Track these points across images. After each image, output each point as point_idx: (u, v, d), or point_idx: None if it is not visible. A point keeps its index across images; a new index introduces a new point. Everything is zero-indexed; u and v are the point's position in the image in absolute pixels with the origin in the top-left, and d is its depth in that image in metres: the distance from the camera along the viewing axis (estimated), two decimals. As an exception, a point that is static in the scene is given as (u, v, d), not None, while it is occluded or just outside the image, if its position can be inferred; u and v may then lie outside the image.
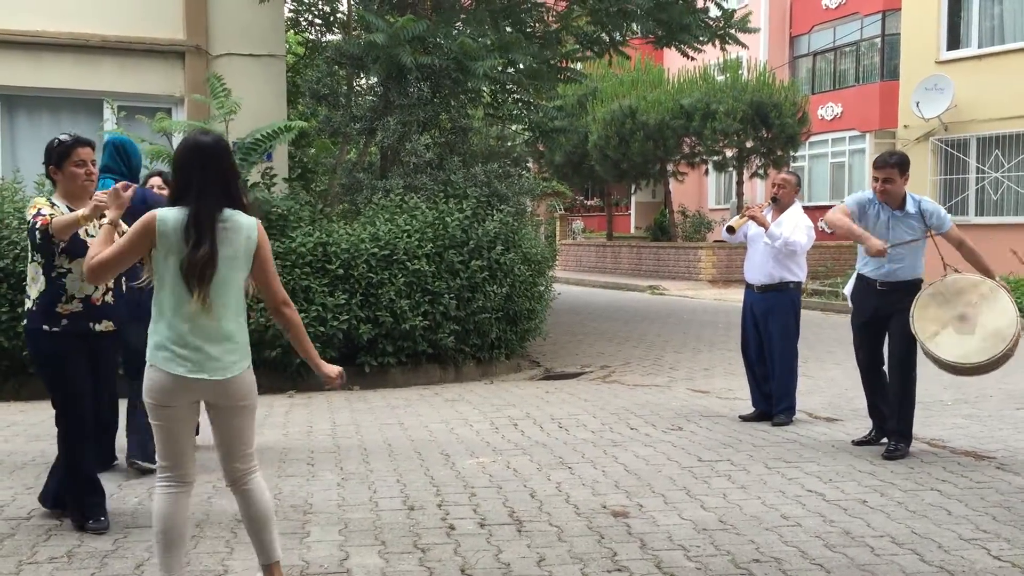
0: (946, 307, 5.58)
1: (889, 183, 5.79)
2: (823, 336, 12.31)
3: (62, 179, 4.33)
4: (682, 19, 11.60)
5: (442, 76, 10.33)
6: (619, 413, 7.31)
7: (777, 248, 6.70)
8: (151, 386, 3.26)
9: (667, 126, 22.15)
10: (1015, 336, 5.35)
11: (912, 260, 5.86)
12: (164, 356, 3.24)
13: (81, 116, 10.08)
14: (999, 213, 17.15)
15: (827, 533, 4.32)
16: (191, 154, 3.32)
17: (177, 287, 3.24)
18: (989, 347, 5.41)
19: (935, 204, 5.93)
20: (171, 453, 3.31)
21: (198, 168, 3.29)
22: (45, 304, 4.25)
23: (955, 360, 5.52)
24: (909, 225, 5.82)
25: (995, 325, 5.41)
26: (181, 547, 3.34)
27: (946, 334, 5.54)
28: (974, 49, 17.41)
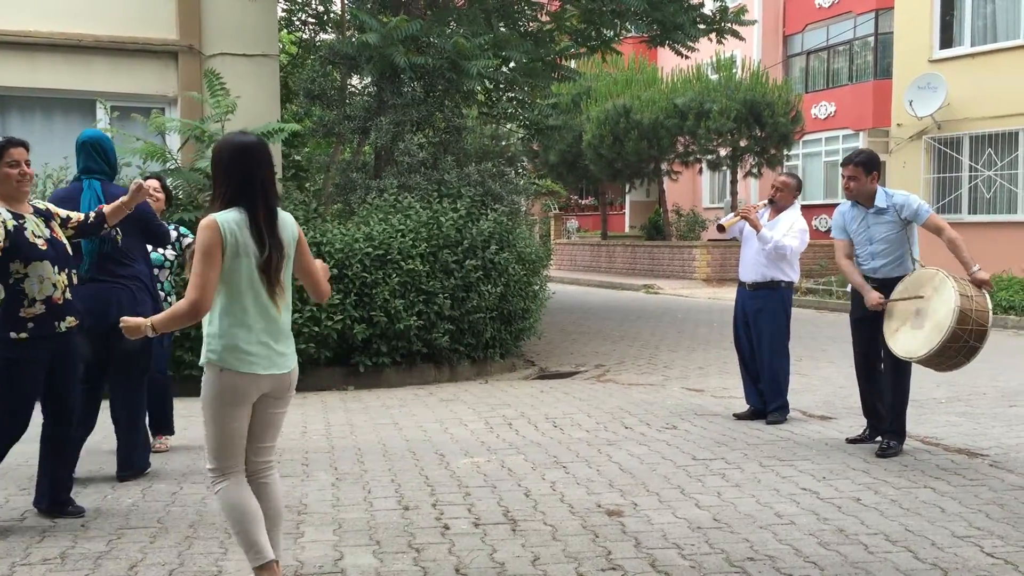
0: (909, 302, 5.62)
1: (854, 181, 5.88)
2: (817, 335, 12.33)
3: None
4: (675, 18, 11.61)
5: (436, 76, 10.33)
6: (614, 412, 7.31)
7: (768, 251, 6.72)
8: (221, 389, 3.29)
9: (661, 125, 22.17)
10: (951, 326, 5.23)
11: (900, 256, 5.88)
12: (239, 358, 3.28)
13: (74, 116, 10.05)
14: (992, 211, 17.19)
15: (821, 531, 4.33)
16: (243, 155, 3.34)
17: (249, 288, 3.30)
18: (930, 339, 5.37)
19: (907, 196, 5.87)
20: (231, 451, 3.36)
21: (254, 168, 3.34)
22: (7, 311, 4.26)
23: (903, 354, 5.56)
24: (884, 221, 5.86)
25: (938, 316, 5.37)
26: (262, 524, 3.37)
27: (904, 329, 5.58)
28: (967, 48, 17.44)
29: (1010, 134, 16.82)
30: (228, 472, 3.37)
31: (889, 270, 5.88)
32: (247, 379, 3.30)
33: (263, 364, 3.32)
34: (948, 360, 5.47)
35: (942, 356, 5.41)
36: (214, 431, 3.33)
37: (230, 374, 3.28)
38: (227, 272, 3.27)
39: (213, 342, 3.29)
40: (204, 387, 3.32)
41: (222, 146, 3.40)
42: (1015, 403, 7.67)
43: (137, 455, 5.30)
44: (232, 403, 3.31)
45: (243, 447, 3.41)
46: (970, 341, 5.34)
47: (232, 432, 3.34)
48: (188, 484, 5.17)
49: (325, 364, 8.55)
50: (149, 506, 4.74)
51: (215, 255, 3.23)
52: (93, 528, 4.37)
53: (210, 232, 3.23)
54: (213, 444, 3.35)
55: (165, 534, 4.29)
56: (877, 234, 5.89)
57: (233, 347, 3.28)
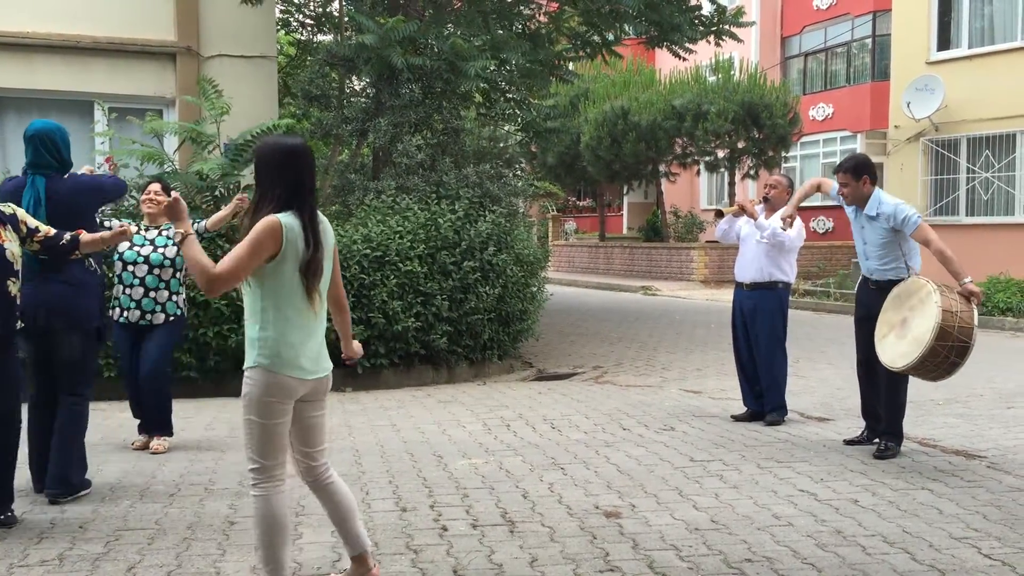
0: (898, 310, 5.61)
1: (846, 187, 5.94)
2: (815, 336, 12.34)
3: None
4: (673, 19, 11.62)
5: (434, 77, 10.33)
6: (611, 413, 7.32)
7: (766, 240, 6.72)
8: (267, 391, 3.28)
9: (659, 127, 22.18)
10: (929, 343, 5.19)
11: (894, 260, 5.89)
12: (288, 361, 3.29)
13: (72, 117, 10.03)
14: (989, 213, 17.21)
15: (819, 532, 4.34)
16: (295, 158, 3.35)
17: (297, 290, 3.31)
18: (909, 352, 5.35)
19: (896, 206, 5.81)
20: (274, 453, 3.34)
21: (304, 171, 3.36)
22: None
23: (886, 363, 5.56)
24: (875, 227, 5.89)
25: (919, 330, 5.34)
26: (289, 543, 3.41)
27: (890, 337, 5.59)
28: (964, 50, 17.47)
29: (1008, 136, 16.84)
30: (270, 475, 3.34)
31: (883, 272, 5.92)
32: (295, 381, 3.32)
33: (309, 368, 3.35)
34: (928, 372, 5.47)
35: (921, 369, 5.41)
36: (259, 431, 3.31)
37: (276, 375, 3.28)
38: (279, 275, 3.28)
39: (262, 346, 3.28)
40: (250, 388, 3.30)
41: (272, 148, 3.37)
42: (1013, 405, 7.68)
43: (73, 473, 4.89)
44: (278, 403, 3.31)
45: (286, 449, 3.40)
46: (951, 357, 5.28)
47: (277, 432, 3.33)
48: (185, 486, 5.17)
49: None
50: (147, 508, 4.73)
51: (264, 254, 3.22)
52: (91, 530, 4.37)
53: (271, 232, 3.22)
54: (257, 444, 3.32)
55: (163, 536, 4.29)
56: (870, 238, 5.95)
57: (283, 350, 3.29)
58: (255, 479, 3.34)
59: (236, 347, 8.09)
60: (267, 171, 3.34)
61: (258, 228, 3.22)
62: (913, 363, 5.32)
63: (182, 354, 7.99)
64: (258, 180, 3.37)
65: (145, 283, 6.00)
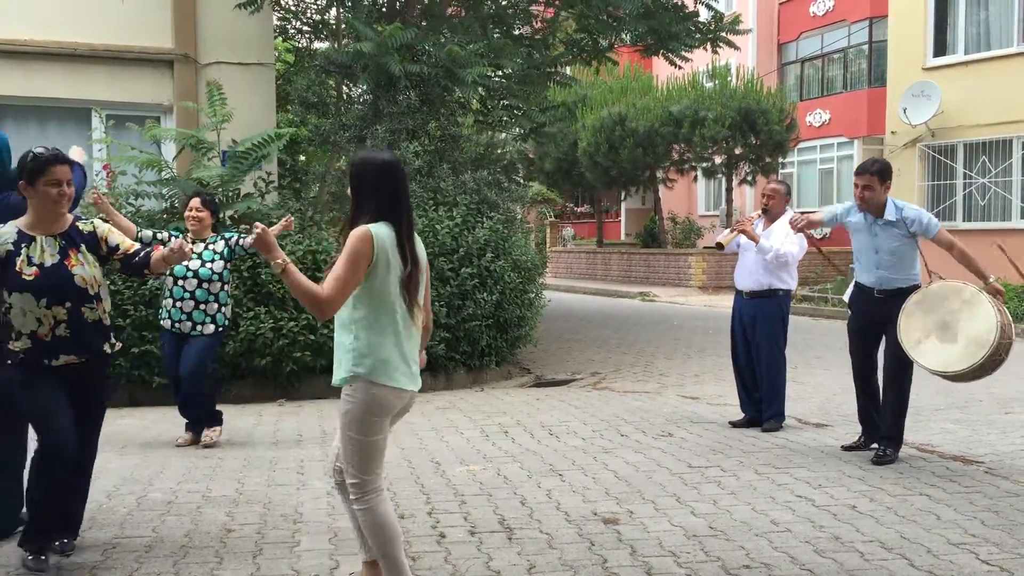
0: (930, 314, 5.58)
1: (868, 190, 5.82)
2: (812, 342, 12.35)
3: (34, 199, 3.88)
4: (670, 27, 11.65)
5: (431, 84, 10.34)
6: (609, 420, 7.31)
7: (769, 260, 6.71)
8: (370, 402, 3.31)
9: (656, 133, 22.20)
10: (994, 342, 5.28)
11: (905, 268, 5.86)
12: (389, 372, 3.33)
13: (69, 125, 10.06)
14: (986, 219, 17.23)
15: (816, 538, 4.34)
16: (391, 172, 3.42)
17: (396, 303, 3.35)
18: (970, 354, 5.36)
19: (918, 210, 5.87)
20: (376, 465, 3.40)
21: (400, 184, 3.42)
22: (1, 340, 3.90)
23: (937, 368, 5.52)
24: (892, 233, 5.83)
25: (975, 331, 5.36)
26: (401, 543, 3.48)
27: (929, 342, 5.53)
28: (960, 56, 17.51)
29: (1004, 141, 16.87)
30: (373, 487, 3.38)
31: (892, 280, 5.85)
32: (394, 393, 3.35)
33: (407, 379, 3.40)
34: (978, 373, 5.47)
35: (979, 372, 5.42)
36: (361, 446, 3.34)
37: (379, 387, 3.32)
38: (376, 286, 3.32)
39: (361, 357, 3.31)
40: (350, 402, 3.33)
41: (368, 162, 3.45)
42: (1010, 410, 7.68)
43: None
44: (380, 416, 3.35)
45: (383, 460, 3.45)
46: (1003, 356, 5.39)
47: (378, 445, 3.38)
48: (183, 494, 5.16)
49: (321, 372, 8.53)
50: (144, 516, 4.73)
51: (362, 265, 3.26)
52: (88, 538, 4.36)
53: (364, 242, 3.26)
54: (358, 459, 3.35)
55: (160, 545, 4.28)
56: (884, 245, 5.84)
57: (384, 361, 3.32)
58: (357, 493, 3.38)
59: (233, 354, 8.09)
60: (362, 185, 3.40)
61: (351, 241, 3.27)
62: (977, 364, 5.33)
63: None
64: (354, 193, 3.43)
65: (195, 296, 6.22)
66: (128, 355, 7.95)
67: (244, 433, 6.88)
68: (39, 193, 3.84)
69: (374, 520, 3.36)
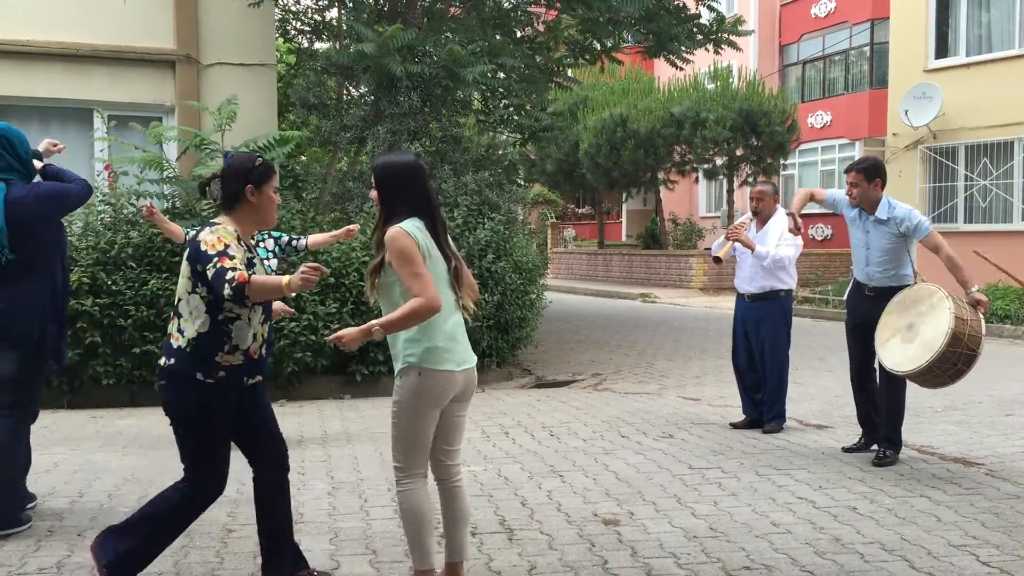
0: (904, 315, 5.61)
1: (856, 187, 5.90)
2: (814, 343, 12.34)
3: (256, 203, 3.64)
4: (671, 30, 11.65)
5: (432, 85, 10.35)
6: (610, 421, 7.32)
7: (766, 266, 6.72)
8: (421, 390, 3.44)
9: (658, 134, 22.22)
10: (940, 349, 5.22)
11: (896, 267, 5.89)
12: (439, 357, 3.46)
13: (71, 125, 10.06)
14: (987, 220, 17.23)
15: (817, 540, 4.34)
16: (418, 172, 3.58)
17: (445, 293, 3.49)
18: (917, 357, 5.34)
19: (910, 210, 5.88)
20: (421, 452, 3.54)
21: (426, 183, 3.59)
22: (202, 350, 3.54)
23: (890, 367, 5.54)
24: (883, 231, 5.88)
25: (930, 336, 5.35)
26: (433, 530, 3.61)
27: (894, 341, 5.57)
28: (962, 58, 17.51)
29: (1006, 143, 16.87)
30: (414, 473, 3.52)
31: (883, 279, 5.89)
32: (445, 377, 3.47)
33: (457, 360, 3.52)
34: (933, 379, 5.47)
35: (927, 375, 5.41)
36: (408, 432, 3.48)
37: (430, 374, 3.45)
38: None
39: (412, 346, 3.45)
40: (402, 390, 3.47)
41: (392, 165, 3.58)
42: (1011, 412, 7.68)
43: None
44: (430, 404, 3.47)
45: (429, 449, 3.57)
46: (958, 364, 5.32)
47: (425, 433, 3.51)
48: (184, 493, 5.16)
49: (322, 373, 8.55)
50: (145, 515, 4.72)
51: (418, 255, 3.40)
52: (89, 538, 4.35)
53: (405, 238, 3.40)
54: (404, 445, 3.50)
55: (161, 543, 4.28)
56: (875, 243, 5.91)
57: (433, 348, 3.45)
58: (400, 477, 3.52)
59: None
60: (392, 186, 3.53)
61: (394, 248, 3.39)
62: (921, 368, 5.31)
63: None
64: (382, 196, 3.54)
65: None
66: (130, 355, 7.96)
67: (245, 433, 6.88)
68: (265, 198, 3.67)
69: (409, 506, 3.51)
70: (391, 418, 3.51)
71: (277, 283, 3.38)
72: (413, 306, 3.34)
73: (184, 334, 3.55)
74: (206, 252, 3.43)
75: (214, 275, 3.39)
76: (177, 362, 3.55)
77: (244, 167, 3.68)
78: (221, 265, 3.38)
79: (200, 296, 3.53)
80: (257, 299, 3.45)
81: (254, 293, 3.35)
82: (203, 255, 3.44)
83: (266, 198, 3.67)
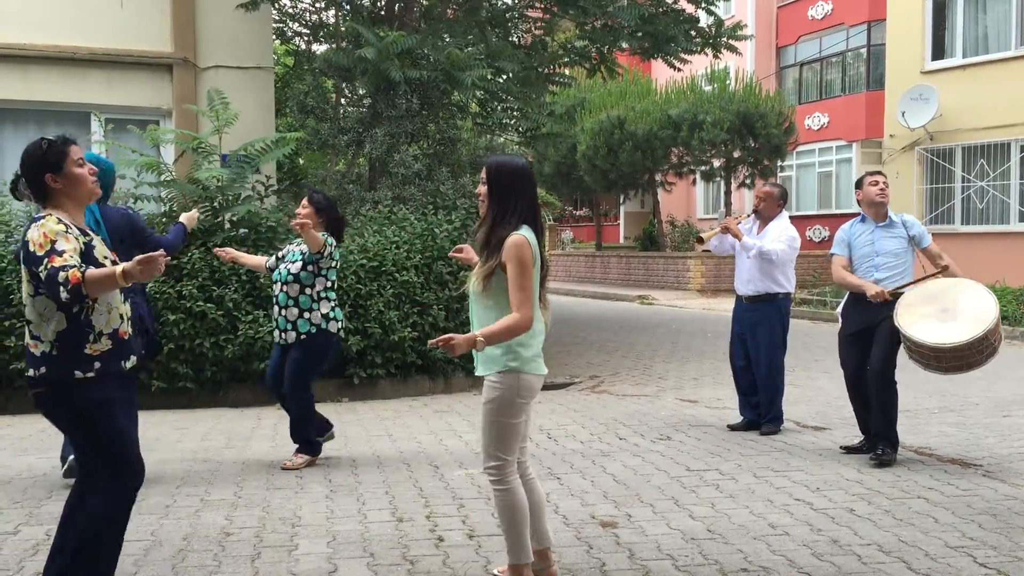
0: (929, 305, 5.69)
1: (887, 187, 6.23)
2: (811, 345, 12.35)
3: (65, 185, 3.44)
4: (667, 32, 11.66)
5: (430, 87, 10.36)
6: (608, 423, 7.32)
7: (753, 258, 6.74)
8: (520, 391, 3.58)
9: (655, 136, 22.23)
10: (994, 321, 5.35)
11: (902, 273, 6.01)
12: (536, 362, 3.63)
13: (69, 129, 10.05)
14: (984, 222, 17.27)
15: (815, 542, 4.34)
16: (529, 177, 3.68)
17: (535, 299, 3.61)
18: (969, 329, 5.42)
19: (912, 217, 6.25)
20: (514, 448, 3.67)
21: (535, 189, 3.71)
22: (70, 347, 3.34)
23: (935, 342, 5.48)
24: (892, 235, 6.05)
25: (974, 308, 5.48)
26: (529, 525, 3.67)
27: (929, 321, 5.61)
28: (959, 59, 17.55)
29: (1002, 145, 16.90)
30: (509, 470, 3.63)
31: (888, 284, 5.97)
32: (538, 380, 3.65)
33: (542, 365, 3.68)
34: (975, 355, 5.47)
35: (973, 348, 5.42)
36: (504, 432, 3.61)
37: (529, 377, 3.60)
38: None
39: (516, 351, 3.56)
40: (501, 392, 3.57)
41: (513, 166, 3.66)
42: (1008, 413, 7.69)
43: None
44: (526, 403, 3.64)
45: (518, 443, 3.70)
46: (996, 344, 5.45)
47: (518, 431, 3.67)
48: (182, 497, 5.16)
49: (319, 376, 8.52)
50: (143, 519, 4.72)
51: (531, 269, 3.53)
52: (87, 541, 4.36)
53: (528, 250, 3.51)
54: (499, 444, 3.61)
55: (159, 547, 4.29)
56: (883, 248, 6.04)
57: (534, 354, 3.62)
58: (498, 475, 3.63)
59: (232, 357, 8.09)
60: (510, 189, 3.60)
61: (517, 254, 3.48)
62: (978, 336, 5.35)
63: (178, 364, 7.99)
64: (496, 197, 3.61)
65: (278, 300, 5.89)
66: (127, 359, 7.94)
67: (243, 437, 6.89)
68: (70, 178, 3.47)
69: (510, 501, 3.60)
70: (487, 417, 3.60)
71: (111, 274, 3.20)
72: (510, 323, 3.46)
73: (42, 339, 3.33)
74: (35, 253, 3.24)
75: (47, 278, 3.19)
76: (49, 369, 3.33)
77: (34, 158, 3.46)
78: (51, 266, 3.18)
79: (46, 296, 3.30)
80: (97, 294, 3.26)
81: (92, 289, 3.18)
82: (33, 257, 3.25)
83: (71, 177, 3.44)
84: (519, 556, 3.62)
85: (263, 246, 8.51)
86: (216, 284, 8.18)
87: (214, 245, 8.31)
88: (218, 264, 8.21)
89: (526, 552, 3.63)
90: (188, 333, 7.98)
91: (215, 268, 8.21)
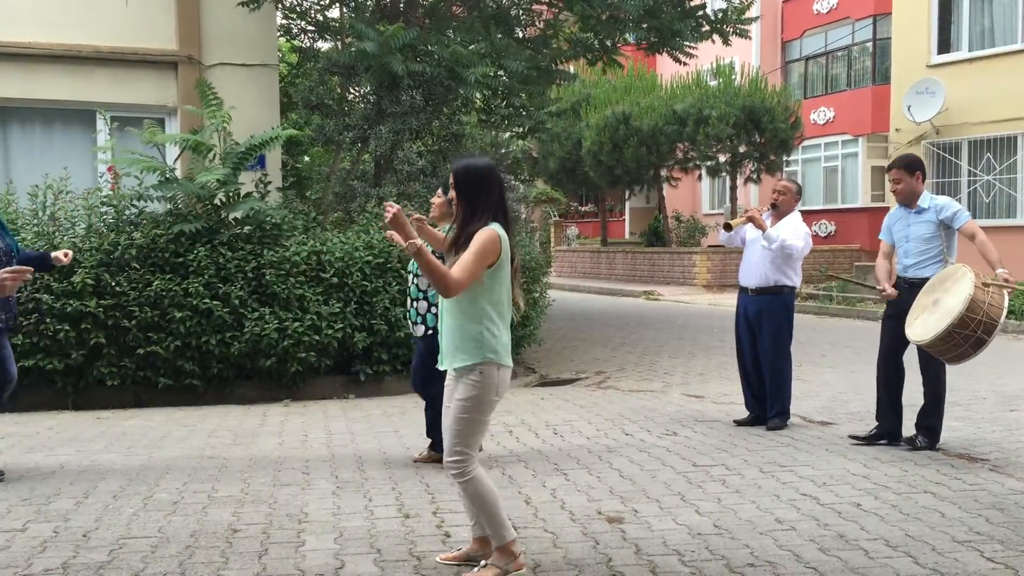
0: (931, 293, 5.73)
1: (898, 183, 6.16)
2: (817, 340, 12.33)
3: None
4: (672, 25, 11.62)
5: (434, 84, 10.35)
6: (614, 419, 7.32)
7: (774, 251, 6.72)
8: (498, 383, 3.71)
9: (660, 132, 22.18)
10: (958, 314, 5.27)
11: (930, 258, 6.03)
12: (504, 352, 3.73)
13: (74, 127, 10.09)
14: (991, 216, 17.21)
15: (821, 536, 4.34)
16: (496, 175, 3.81)
17: (507, 291, 3.77)
18: (938, 324, 5.42)
19: (949, 200, 6.12)
20: (478, 442, 3.80)
21: (503, 187, 3.82)
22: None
23: (913, 339, 5.64)
24: (922, 220, 6.09)
25: (951, 304, 5.46)
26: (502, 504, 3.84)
27: (922, 317, 5.66)
28: (964, 53, 17.48)
29: (1009, 138, 16.84)
30: (472, 464, 3.72)
31: (916, 270, 6.04)
32: (508, 371, 3.76)
33: (511, 357, 3.79)
34: (955, 348, 5.46)
35: (948, 342, 5.41)
36: (477, 424, 3.72)
37: (504, 369, 3.74)
38: (497, 278, 3.72)
39: (492, 343, 3.69)
40: (479, 386, 3.67)
41: (477, 167, 3.78)
42: (1015, 408, 7.67)
43: None
44: (499, 395, 3.74)
45: None
46: (978, 332, 5.35)
47: (486, 427, 3.82)
48: (189, 494, 5.18)
49: (326, 373, 8.56)
50: (150, 516, 4.74)
51: (488, 260, 3.63)
52: (94, 538, 4.38)
53: (494, 242, 3.64)
54: (469, 436, 3.71)
55: (166, 544, 4.30)
56: (914, 233, 6.11)
57: (505, 344, 3.75)
58: (460, 467, 3.71)
59: (238, 354, 8.11)
60: (478, 188, 3.73)
61: (482, 240, 3.61)
62: (941, 333, 5.35)
63: (185, 362, 8.02)
64: (465, 197, 3.74)
65: (409, 292, 5.96)
66: (134, 356, 7.98)
67: (249, 433, 6.90)
68: None
69: (478, 489, 3.71)
70: (462, 412, 3.67)
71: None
72: (445, 274, 3.53)
73: None
74: None
75: None
76: None
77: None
78: None
79: None
80: None
81: None
82: None
83: None
84: (502, 537, 3.74)
85: (268, 243, 8.53)
86: (222, 281, 8.20)
87: (219, 243, 8.34)
88: (223, 261, 8.23)
89: (508, 530, 3.76)
90: (194, 330, 8.00)
91: (221, 266, 8.23)
